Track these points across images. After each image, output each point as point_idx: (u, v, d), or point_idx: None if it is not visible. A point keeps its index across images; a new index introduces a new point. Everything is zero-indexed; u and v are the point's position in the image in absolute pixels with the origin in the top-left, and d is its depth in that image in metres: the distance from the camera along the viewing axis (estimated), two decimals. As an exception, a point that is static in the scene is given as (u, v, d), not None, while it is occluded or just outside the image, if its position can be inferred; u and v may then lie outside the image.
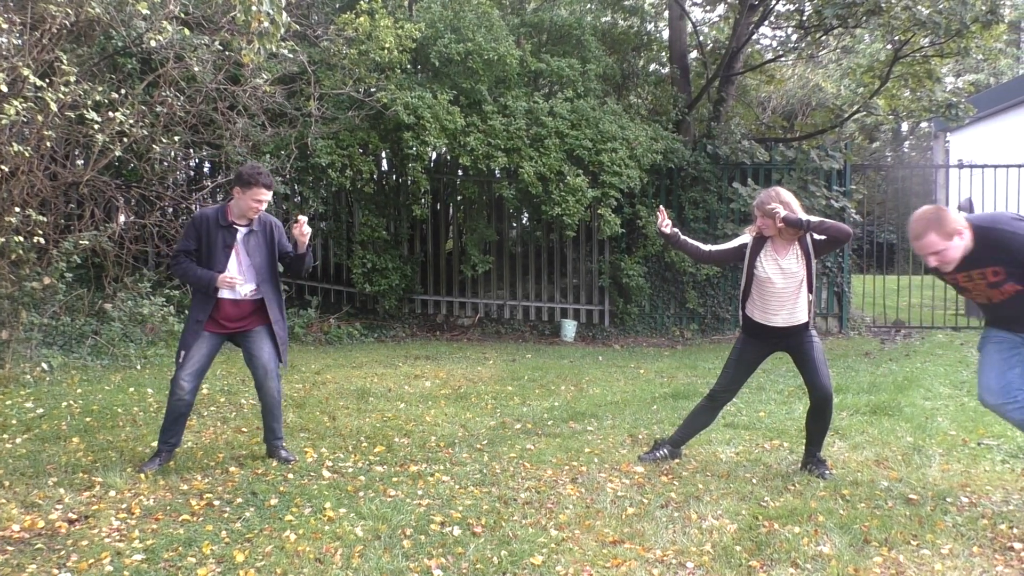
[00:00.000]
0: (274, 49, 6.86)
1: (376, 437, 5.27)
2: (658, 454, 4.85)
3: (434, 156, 11.34)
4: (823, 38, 14.27)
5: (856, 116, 13.33)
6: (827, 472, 4.50)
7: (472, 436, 5.39)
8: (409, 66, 10.18)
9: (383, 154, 11.27)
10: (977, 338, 10.81)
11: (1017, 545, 3.45)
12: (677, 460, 4.83)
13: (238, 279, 4.45)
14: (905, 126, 28.20)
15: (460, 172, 11.36)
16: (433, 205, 12.14)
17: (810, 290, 4.51)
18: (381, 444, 5.10)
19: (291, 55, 8.55)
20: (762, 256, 4.58)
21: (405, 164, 10.13)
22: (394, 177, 11.84)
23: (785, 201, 4.43)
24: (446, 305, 11.88)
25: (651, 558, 3.34)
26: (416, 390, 7.04)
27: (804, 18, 13.03)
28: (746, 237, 4.68)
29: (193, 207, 9.40)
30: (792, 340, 4.58)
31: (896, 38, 11.65)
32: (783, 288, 4.48)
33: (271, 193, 4.52)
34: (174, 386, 4.45)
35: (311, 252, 4.61)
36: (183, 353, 4.46)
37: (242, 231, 4.51)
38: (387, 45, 9.28)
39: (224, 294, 4.47)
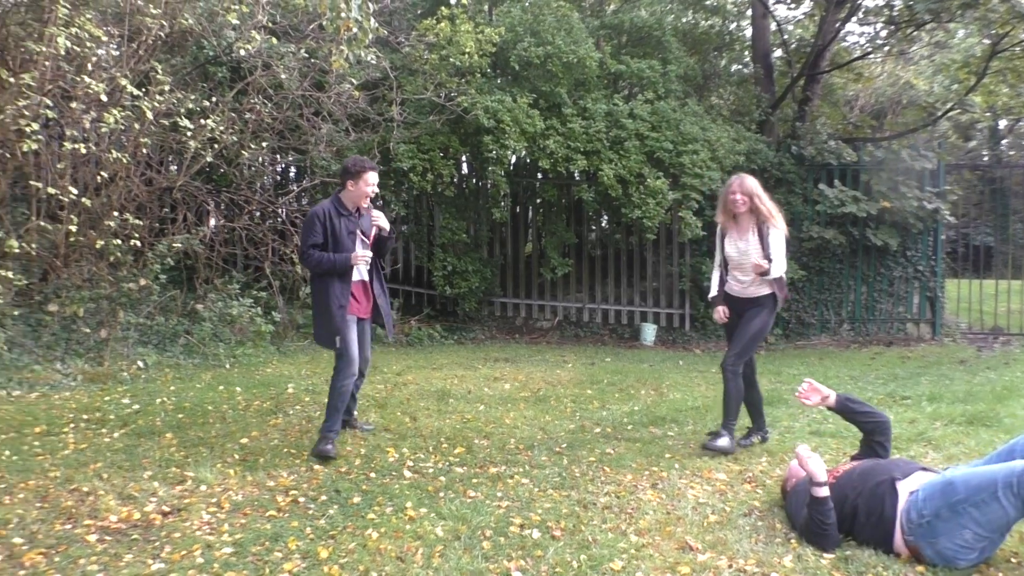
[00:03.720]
0: (362, 55, 7.01)
1: (456, 438, 5.31)
2: (753, 439, 5.30)
3: (514, 159, 11.38)
4: (914, 33, 13.78)
5: (950, 114, 12.85)
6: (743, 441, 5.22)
7: (551, 439, 5.38)
8: (489, 70, 10.25)
9: (463, 157, 11.36)
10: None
11: None
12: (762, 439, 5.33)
13: (368, 253, 4.93)
14: (1003, 123, 27.02)
15: (539, 175, 11.37)
16: (512, 208, 12.18)
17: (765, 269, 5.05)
18: (461, 445, 5.14)
19: (375, 61, 8.71)
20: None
21: (485, 167, 10.19)
22: (474, 180, 11.93)
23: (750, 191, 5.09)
24: (525, 308, 11.90)
25: (733, 567, 3.28)
26: (495, 392, 7.07)
27: (894, 13, 12.62)
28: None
29: (280, 211, 9.65)
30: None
31: (993, 32, 11.18)
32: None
33: (378, 175, 4.99)
34: (347, 372, 4.88)
35: (392, 239, 5.22)
36: (338, 338, 4.81)
37: (358, 218, 4.98)
38: (468, 50, 9.37)
39: (354, 276, 4.94)
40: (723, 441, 5.04)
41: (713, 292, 5.43)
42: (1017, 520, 3.15)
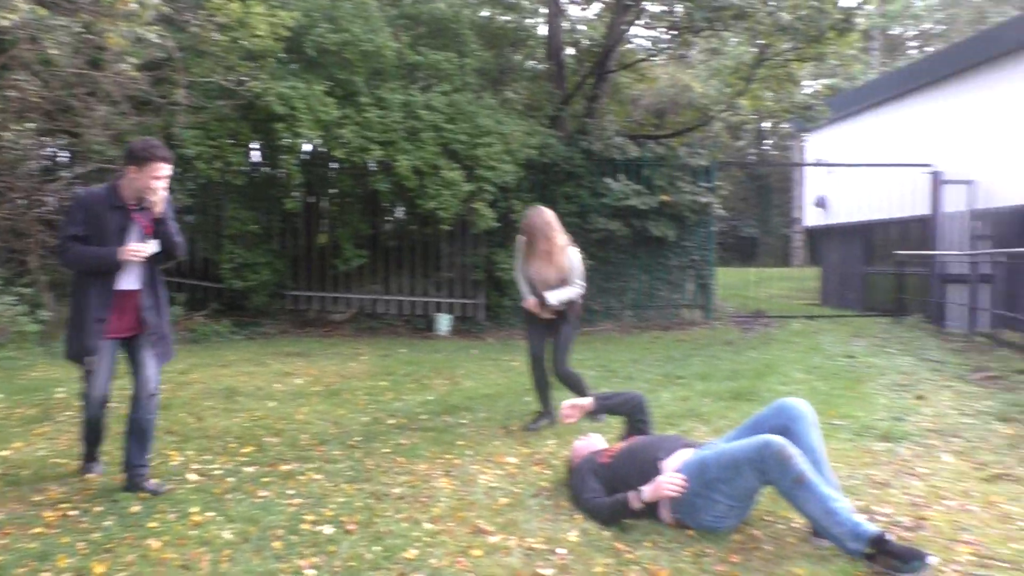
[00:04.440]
0: (142, 32, 6.58)
1: (245, 437, 5.16)
2: (541, 423, 5.58)
3: (307, 148, 11.13)
4: (693, 39, 14.75)
5: (722, 115, 13.89)
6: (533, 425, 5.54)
7: (345, 433, 5.35)
8: (283, 55, 9.94)
9: (254, 145, 10.97)
10: (830, 325, 11.35)
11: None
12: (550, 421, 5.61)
13: (145, 247, 3.93)
14: (767, 126, 29.59)
15: (334, 164, 11.19)
16: (306, 198, 11.91)
17: None
18: (250, 444, 5.00)
19: (158, 40, 8.20)
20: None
21: (277, 156, 9.90)
22: (266, 169, 11.55)
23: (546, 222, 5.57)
24: (318, 300, 11.68)
25: (523, 546, 3.42)
26: (287, 388, 6.92)
27: (675, 19, 13.46)
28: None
29: (48, 199, 8.89)
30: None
31: (760, 42, 12.20)
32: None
33: (171, 168, 4.01)
34: (92, 406, 4.11)
35: (172, 232, 4.08)
36: (91, 359, 3.95)
37: (137, 212, 4.01)
38: (260, 33, 9.02)
39: (120, 285, 3.99)
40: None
41: (526, 292, 5.75)
42: (760, 488, 3.51)
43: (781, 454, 3.31)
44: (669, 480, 3.55)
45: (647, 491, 3.59)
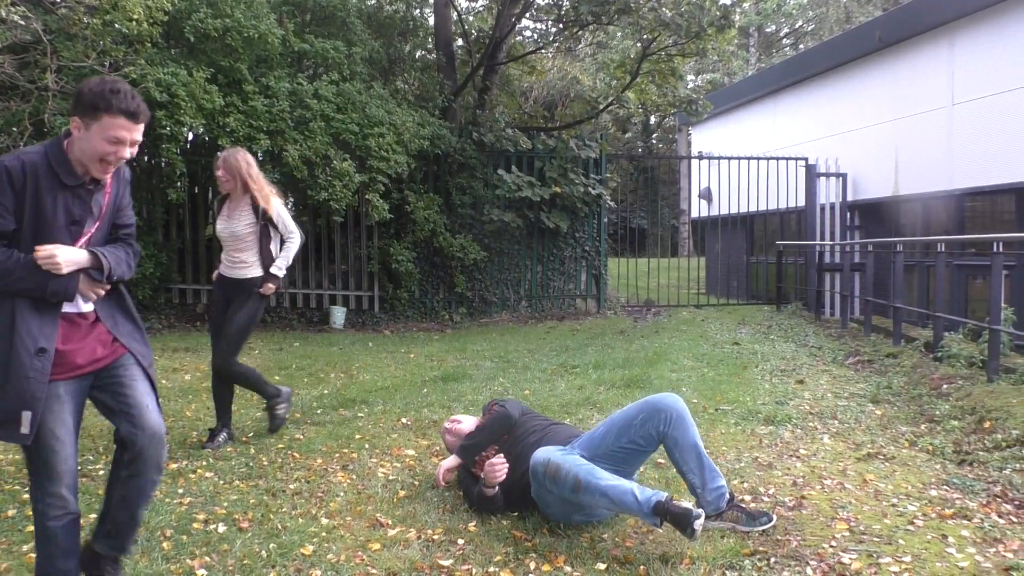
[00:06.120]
0: (3, 14, 6.20)
1: (130, 436, 4.94)
2: (220, 439, 4.86)
3: (191, 137, 10.73)
4: (580, 33, 14.98)
5: (610, 108, 14.16)
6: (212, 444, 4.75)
7: (236, 429, 5.20)
8: (161, 40, 9.53)
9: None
10: (716, 314, 11.67)
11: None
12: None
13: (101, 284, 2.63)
14: (653, 119, 30.34)
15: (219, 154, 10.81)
16: (191, 188, 11.48)
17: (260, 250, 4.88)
18: (136, 443, 4.79)
19: (23, 22, 7.73)
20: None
21: (158, 145, 9.49)
22: (146, 158, 11.07)
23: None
24: (207, 294, 11.30)
25: (422, 538, 3.40)
26: (174, 384, 6.68)
27: (562, 12, 13.64)
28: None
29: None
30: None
31: (644, 36, 12.50)
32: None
33: (142, 129, 2.58)
34: (49, 491, 2.61)
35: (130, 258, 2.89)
36: (27, 416, 2.43)
37: (96, 192, 2.63)
38: (135, 16, 8.61)
39: (68, 307, 2.58)
40: (280, 410, 5.06)
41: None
42: (575, 490, 3.28)
43: (547, 470, 3.32)
44: (492, 466, 3.56)
45: (485, 476, 3.60)
